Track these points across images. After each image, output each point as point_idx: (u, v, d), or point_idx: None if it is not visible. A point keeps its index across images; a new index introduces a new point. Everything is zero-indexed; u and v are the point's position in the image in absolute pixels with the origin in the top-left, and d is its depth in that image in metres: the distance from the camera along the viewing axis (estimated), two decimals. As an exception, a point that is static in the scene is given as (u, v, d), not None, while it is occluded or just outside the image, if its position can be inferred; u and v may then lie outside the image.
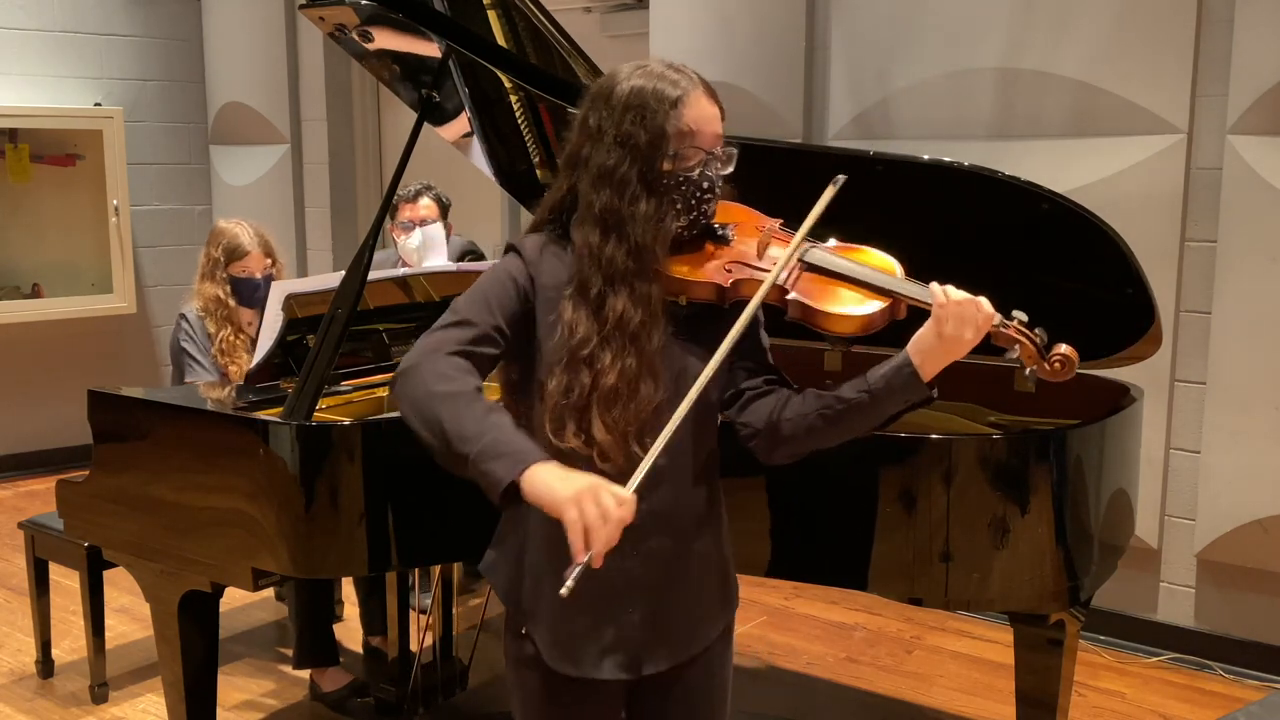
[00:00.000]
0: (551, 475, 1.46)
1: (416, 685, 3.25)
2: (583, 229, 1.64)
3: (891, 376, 1.60)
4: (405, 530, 2.46)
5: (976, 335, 1.57)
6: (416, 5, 2.65)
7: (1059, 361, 1.61)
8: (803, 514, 2.39)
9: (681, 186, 1.63)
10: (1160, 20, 3.56)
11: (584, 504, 1.42)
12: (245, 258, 3.44)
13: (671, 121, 1.61)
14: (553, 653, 1.73)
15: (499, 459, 1.48)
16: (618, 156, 1.61)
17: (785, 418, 1.68)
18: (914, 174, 2.54)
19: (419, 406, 1.56)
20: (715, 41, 4.41)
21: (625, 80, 1.65)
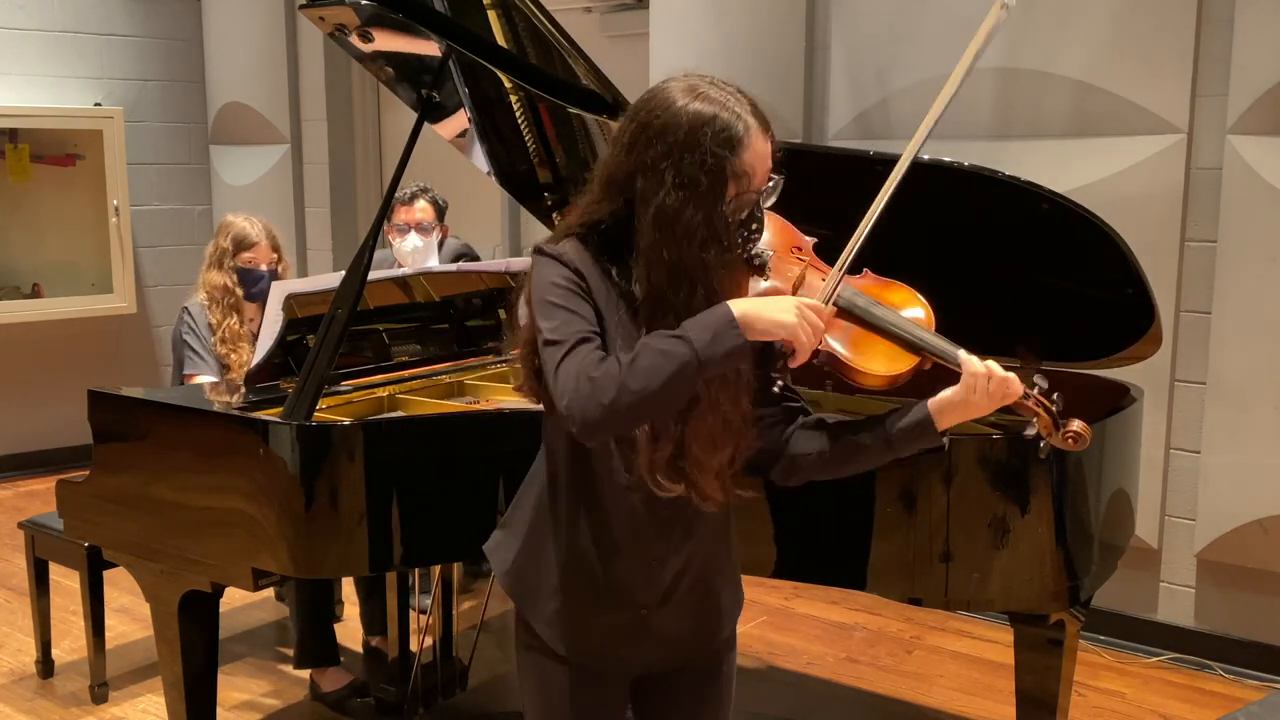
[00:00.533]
0: (762, 309, 1.53)
1: (416, 685, 3.25)
2: (649, 270, 1.57)
3: (911, 430, 1.66)
4: (405, 530, 2.46)
5: (999, 405, 1.64)
6: (416, 5, 2.65)
7: (1072, 438, 1.67)
8: (803, 514, 2.39)
9: (734, 229, 1.60)
10: (1160, 20, 3.56)
11: (805, 329, 1.53)
12: (253, 248, 3.47)
13: (732, 166, 1.56)
14: (551, 633, 1.73)
15: (715, 340, 1.50)
16: (679, 199, 1.54)
17: (803, 452, 1.72)
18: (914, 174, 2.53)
19: (617, 412, 1.51)
20: (715, 41, 4.40)
21: (682, 108, 1.57)
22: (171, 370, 3.64)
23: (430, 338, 3.30)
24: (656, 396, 1.50)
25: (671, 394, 1.51)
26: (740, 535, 2.38)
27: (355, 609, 3.80)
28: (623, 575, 1.70)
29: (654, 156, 1.57)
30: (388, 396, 2.94)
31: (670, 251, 1.56)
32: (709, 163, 1.55)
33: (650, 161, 1.57)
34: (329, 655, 3.42)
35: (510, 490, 2.48)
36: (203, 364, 3.44)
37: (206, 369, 3.43)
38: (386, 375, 3.06)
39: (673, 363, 1.49)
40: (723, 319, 1.50)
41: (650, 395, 1.50)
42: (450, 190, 4.10)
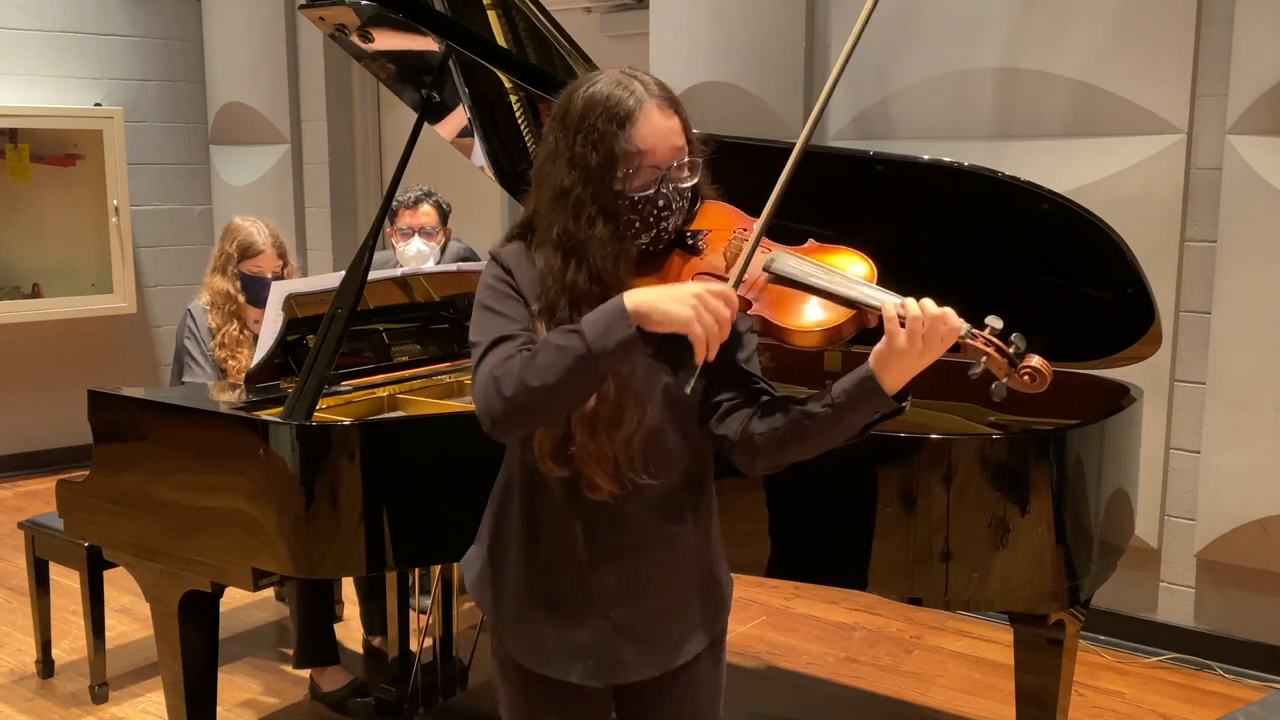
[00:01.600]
0: (656, 300, 1.47)
1: (416, 685, 3.25)
2: (543, 252, 1.62)
3: (853, 390, 1.54)
4: (405, 530, 2.46)
5: (940, 348, 1.49)
6: (416, 5, 2.65)
7: (1028, 374, 1.51)
8: (804, 515, 2.39)
9: (638, 207, 1.59)
10: (1160, 20, 3.56)
11: (703, 317, 1.46)
12: (258, 256, 3.45)
13: (621, 143, 1.56)
14: (519, 648, 1.73)
15: (607, 333, 1.47)
16: (572, 178, 1.58)
17: (758, 431, 1.62)
18: (914, 174, 2.54)
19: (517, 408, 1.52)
20: (715, 41, 4.41)
21: (580, 95, 1.61)
22: (171, 371, 3.64)
23: (430, 338, 3.30)
24: (554, 390, 1.50)
25: (570, 388, 1.50)
26: (743, 535, 2.39)
27: (355, 609, 3.80)
28: (580, 582, 1.69)
29: (554, 141, 1.62)
30: (388, 396, 2.95)
31: (559, 228, 1.59)
32: (596, 139, 1.57)
33: (552, 146, 1.62)
34: (329, 655, 3.42)
35: (510, 490, 2.49)
36: (200, 372, 3.44)
37: (204, 375, 3.43)
38: (386, 375, 3.06)
39: (567, 357, 1.48)
40: (615, 311, 1.48)
41: (548, 390, 1.49)
42: (450, 190, 4.10)
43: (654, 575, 1.72)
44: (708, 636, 1.81)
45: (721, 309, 1.46)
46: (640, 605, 1.72)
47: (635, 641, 1.73)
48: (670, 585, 1.74)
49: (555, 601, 1.71)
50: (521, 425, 1.58)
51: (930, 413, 2.85)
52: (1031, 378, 1.51)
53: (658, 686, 1.77)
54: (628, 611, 1.71)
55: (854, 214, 1.75)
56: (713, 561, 1.81)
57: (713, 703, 1.84)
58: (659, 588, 1.72)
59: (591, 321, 1.49)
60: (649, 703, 1.80)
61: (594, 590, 1.70)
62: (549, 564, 1.70)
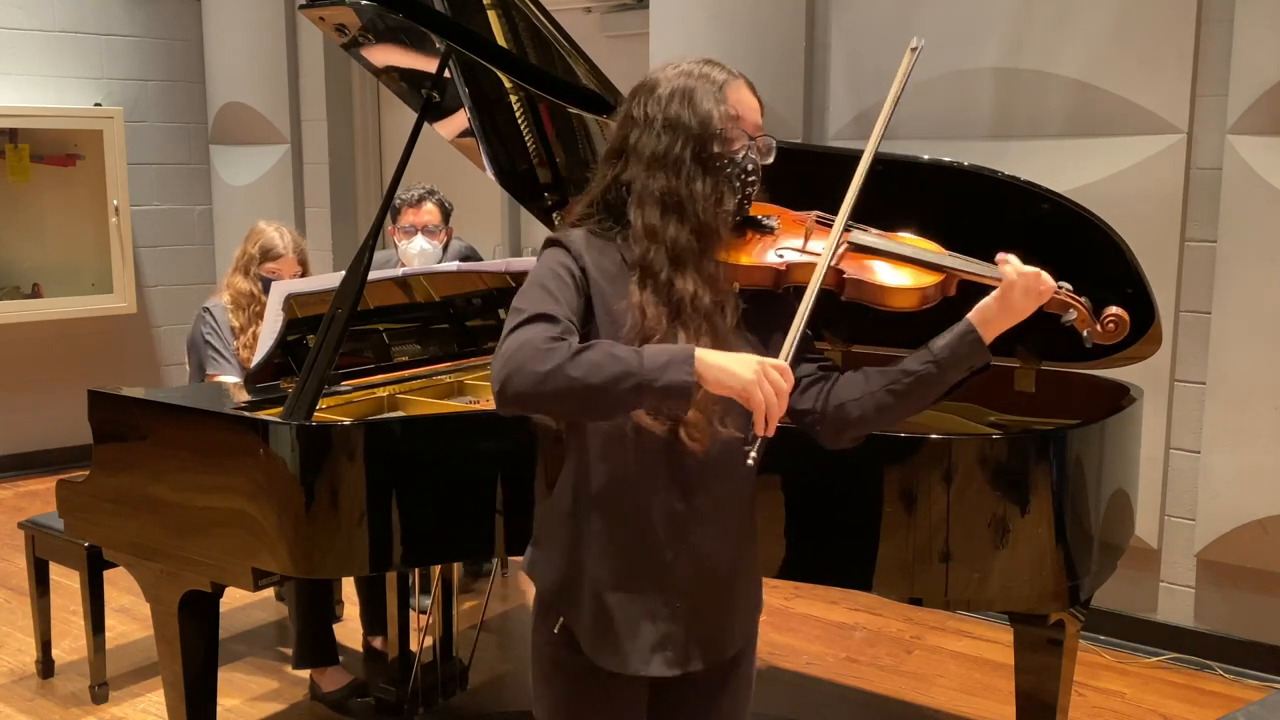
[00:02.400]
0: (723, 360, 1.50)
1: (416, 685, 3.25)
2: (642, 211, 1.64)
3: (956, 345, 1.64)
4: (405, 530, 2.46)
5: (1037, 304, 1.64)
6: (416, 5, 2.65)
7: (1112, 322, 1.70)
8: (805, 515, 2.39)
9: (729, 169, 1.65)
10: (1160, 20, 3.56)
11: (764, 386, 1.47)
12: (278, 260, 3.50)
13: (719, 105, 1.64)
14: (596, 645, 1.72)
15: (665, 370, 1.48)
16: (669, 140, 1.63)
17: (851, 398, 1.69)
18: (914, 174, 2.54)
19: (548, 386, 1.50)
20: (715, 41, 4.40)
21: (670, 75, 1.68)
22: (190, 370, 3.63)
23: (430, 338, 3.30)
24: (587, 392, 1.50)
25: (602, 395, 1.50)
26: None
27: (355, 609, 3.80)
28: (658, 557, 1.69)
29: (644, 113, 1.67)
30: (388, 396, 2.95)
31: (658, 183, 1.63)
32: (694, 103, 1.64)
33: (642, 117, 1.67)
34: (328, 655, 3.42)
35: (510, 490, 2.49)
36: (225, 364, 3.45)
37: (230, 369, 3.44)
38: (386, 375, 3.06)
39: (616, 366, 1.49)
40: (682, 353, 1.50)
41: (582, 387, 1.49)
42: (450, 190, 4.10)
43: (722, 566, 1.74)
44: (754, 625, 1.84)
45: (780, 381, 1.49)
46: (709, 596, 1.73)
47: (702, 631, 1.73)
48: (733, 575, 1.76)
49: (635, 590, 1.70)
50: (533, 405, 1.56)
51: (930, 412, 2.85)
52: (1115, 324, 1.71)
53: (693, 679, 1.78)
54: (698, 602, 1.72)
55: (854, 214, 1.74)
56: (755, 551, 1.84)
57: (747, 691, 1.86)
58: (725, 578, 1.75)
59: (654, 352, 1.51)
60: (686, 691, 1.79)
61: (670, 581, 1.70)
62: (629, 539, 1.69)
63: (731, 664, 1.81)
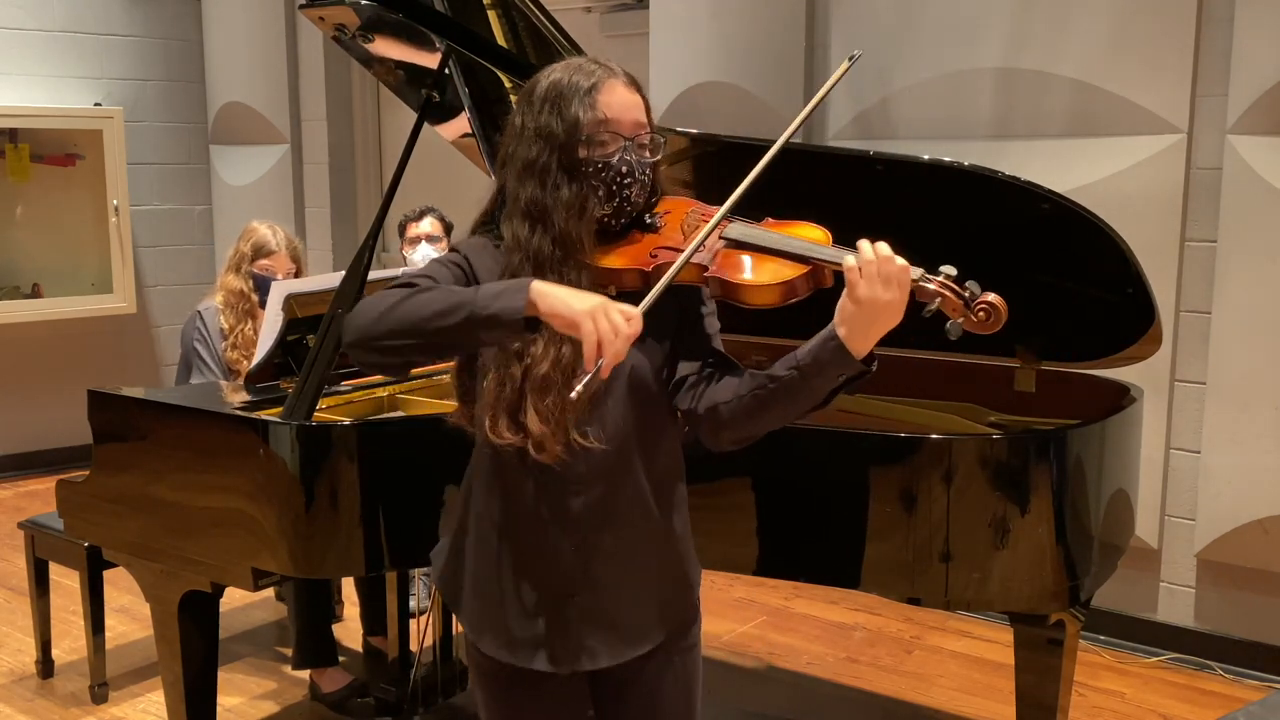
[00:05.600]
0: (562, 290, 1.47)
1: (416, 685, 3.25)
2: (511, 223, 1.64)
3: (818, 350, 1.52)
4: (404, 530, 2.46)
5: (899, 293, 1.46)
6: (416, 5, 2.65)
7: (983, 310, 1.49)
8: (805, 515, 2.39)
9: (601, 173, 1.62)
10: (1160, 20, 3.56)
11: (598, 318, 1.43)
12: (271, 256, 3.50)
13: (586, 109, 1.61)
14: (484, 638, 1.73)
15: (498, 298, 1.48)
16: (538, 148, 1.62)
17: (723, 400, 1.63)
18: (914, 174, 2.54)
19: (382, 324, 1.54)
20: (715, 41, 4.41)
21: (545, 77, 1.66)
22: (177, 370, 3.64)
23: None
24: (418, 327, 1.51)
25: (434, 331, 1.51)
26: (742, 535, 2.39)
27: (355, 609, 3.80)
28: (537, 565, 1.69)
29: (519, 120, 1.66)
30: (388, 396, 2.95)
31: (526, 193, 1.62)
32: (561, 108, 1.62)
33: (518, 125, 1.66)
34: (328, 656, 3.42)
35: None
36: (210, 373, 3.44)
37: (213, 379, 3.44)
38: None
39: (449, 299, 1.50)
40: (517, 284, 1.49)
41: (413, 322, 1.51)
42: (450, 190, 4.11)
43: (614, 556, 1.70)
44: (672, 623, 1.77)
45: (621, 324, 1.42)
46: (602, 589, 1.70)
47: (597, 627, 1.70)
48: (632, 569, 1.72)
49: (517, 585, 1.70)
50: (373, 350, 1.58)
51: (930, 413, 2.85)
52: (987, 313, 1.49)
53: (628, 676, 1.76)
54: (591, 598, 1.70)
55: (854, 214, 1.74)
56: (682, 555, 1.79)
57: (688, 696, 1.81)
58: (620, 570, 1.70)
59: (490, 286, 1.52)
60: (619, 692, 1.79)
61: (555, 570, 1.69)
62: (509, 542, 1.70)
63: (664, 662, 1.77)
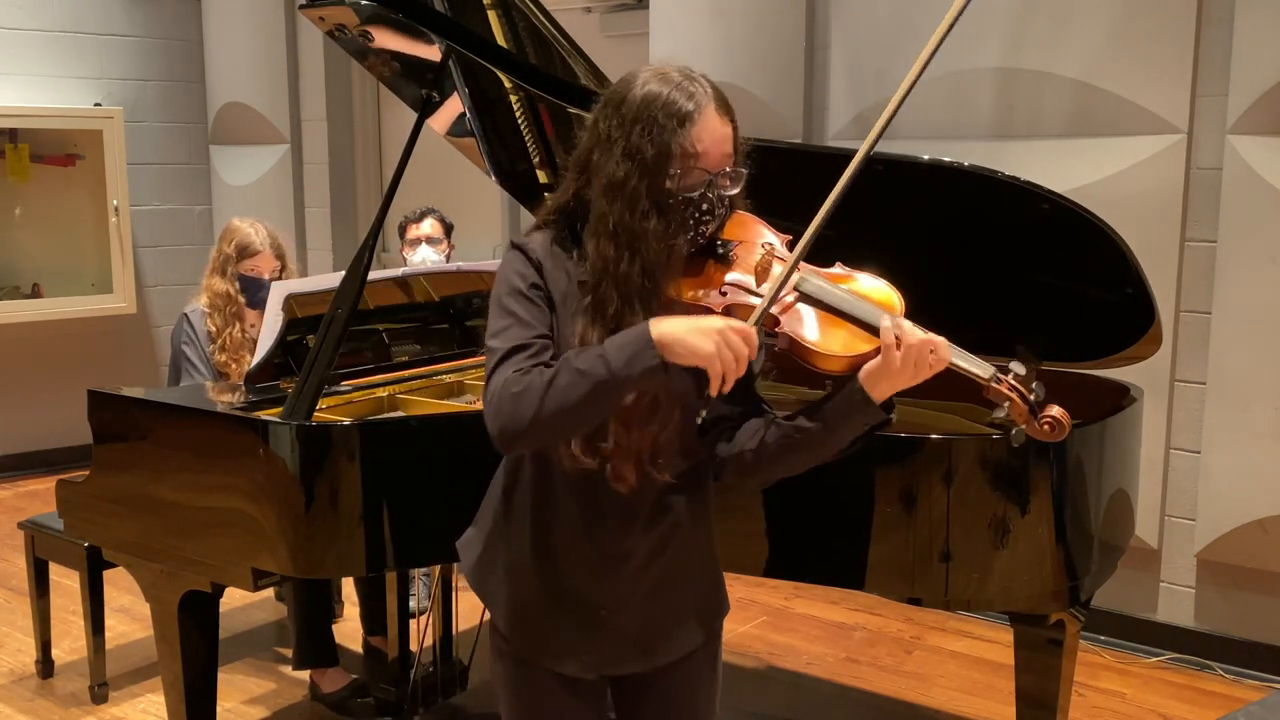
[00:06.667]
0: (681, 328, 1.49)
1: (416, 685, 3.25)
2: (596, 241, 1.60)
3: (844, 404, 1.58)
4: (405, 530, 2.46)
5: (929, 373, 1.54)
6: (416, 5, 2.65)
7: (1049, 424, 1.56)
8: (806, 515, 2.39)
9: (682, 207, 1.59)
10: (1160, 20, 3.56)
11: (723, 350, 1.47)
12: (255, 257, 3.46)
13: (679, 140, 1.57)
14: (513, 634, 1.73)
15: (631, 362, 1.49)
16: (626, 169, 1.58)
17: (749, 448, 1.66)
18: (914, 174, 2.54)
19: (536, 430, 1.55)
20: (715, 41, 4.40)
21: (640, 86, 1.60)
22: (167, 374, 3.63)
23: (430, 338, 3.30)
24: (574, 414, 1.53)
25: (589, 411, 1.53)
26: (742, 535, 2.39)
27: (355, 609, 3.80)
28: (577, 574, 1.69)
29: (608, 130, 1.61)
30: (388, 396, 2.94)
31: (613, 218, 1.59)
32: (654, 134, 1.57)
33: (605, 135, 1.62)
34: (328, 656, 3.42)
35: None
36: (199, 376, 3.44)
37: (203, 380, 3.43)
38: (386, 375, 3.06)
39: (589, 381, 1.50)
40: (641, 339, 1.49)
41: (567, 412, 1.52)
42: (450, 191, 4.12)
43: (663, 574, 1.72)
44: (705, 632, 1.81)
45: (741, 347, 1.47)
46: (643, 601, 1.72)
47: (635, 636, 1.73)
48: (677, 584, 1.74)
49: (554, 595, 1.71)
50: (535, 443, 1.61)
51: (930, 413, 2.85)
52: (1051, 427, 1.56)
53: (653, 680, 1.78)
54: (629, 607, 1.71)
55: (854, 214, 1.74)
56: (710, 559, 1.82)
57: (709, 699, 1.84)
58: (667, 587, 1.73)
59: (617, 346, 1.50)
60: (643, 696, 1.80)
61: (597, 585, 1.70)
62: (556, 556, 1.70)
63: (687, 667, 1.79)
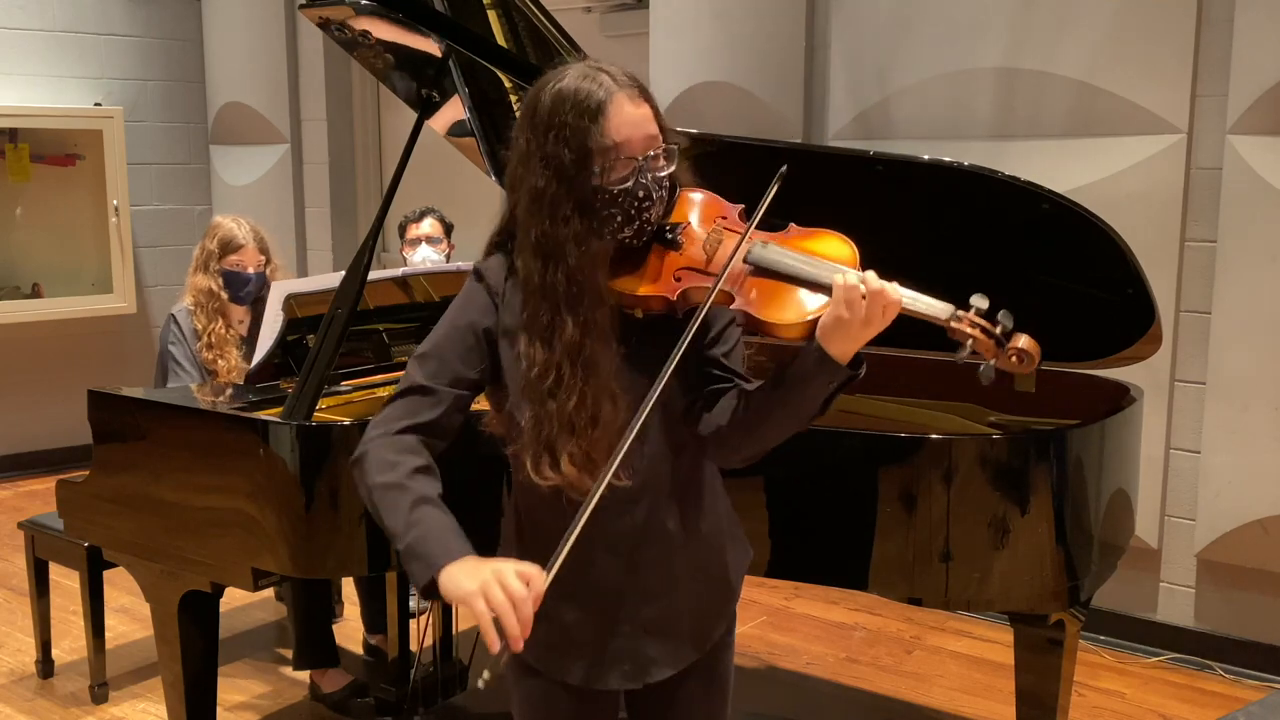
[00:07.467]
0: (459, 573, 1.46)
1: (416, 685, 3.25)
2: (524, 258, 1.58)
3: (803, 363, 1.51)
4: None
5: (883, 320, 1.46)
6: (416, 5, 2.65)
7: (1015, 356, 1.47)
8: (806, 515, 2.39)
9: (618, 200, 1.56)
10: (1160, 20, 3.56)
11: (490, 594, 1.41)
12: (239, 251, 3.45)
13: (594, 136, 1.53)
14: (547, 660, 1.73)
15: (418, 560, 1.51)
16: (546, 179, 1.55)
17: (722, 422, 1.63)
18: (914, 174, 2.54)
19: (365, 496, 1.62)
20: (715, 41, 4.40)
21: (547, 92, 1.57)
22: (154, 378, 3.63)
23: (430, 338, 3.30)
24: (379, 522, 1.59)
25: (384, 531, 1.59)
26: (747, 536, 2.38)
27: (355, 609, 3.80)
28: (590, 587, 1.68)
29: (524, 143, 1.59)
30: (388, 396, 2.94)
31: (535, 231, 1.57)
32: (568, 136, 1.53)
33: (524, 147, 1.59)
34: (328, 656, 3.42)
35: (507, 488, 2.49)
36: (186, 375, 3.44)
37: (191, 380, 3.43)
38: (386, 375, 3.06)
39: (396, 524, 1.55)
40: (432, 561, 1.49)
41: (378, 518, 1.59)
42: (450, 191, 4.12)
43: (663, 573, 1.71)
44: (724, 623, 1.81)
45: (519, 590, 1.41)
46: (663, 604, 1.71)
47: (662, 639, 1.72)
48: (688, 581, 1.73)
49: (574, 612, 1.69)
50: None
51: (930, 413, 2.85)
52: (1019, 359, 1.47)
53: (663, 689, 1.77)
54: (652, 612, 1.71)
55: (854, 214, 1.74)
56: (723, 548, 1.80)
57: (725, 688, 1.84)
58: (671, 584, 1.72)
59: (419, 540, 1.52)
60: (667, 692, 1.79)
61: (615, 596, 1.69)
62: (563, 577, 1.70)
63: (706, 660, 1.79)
